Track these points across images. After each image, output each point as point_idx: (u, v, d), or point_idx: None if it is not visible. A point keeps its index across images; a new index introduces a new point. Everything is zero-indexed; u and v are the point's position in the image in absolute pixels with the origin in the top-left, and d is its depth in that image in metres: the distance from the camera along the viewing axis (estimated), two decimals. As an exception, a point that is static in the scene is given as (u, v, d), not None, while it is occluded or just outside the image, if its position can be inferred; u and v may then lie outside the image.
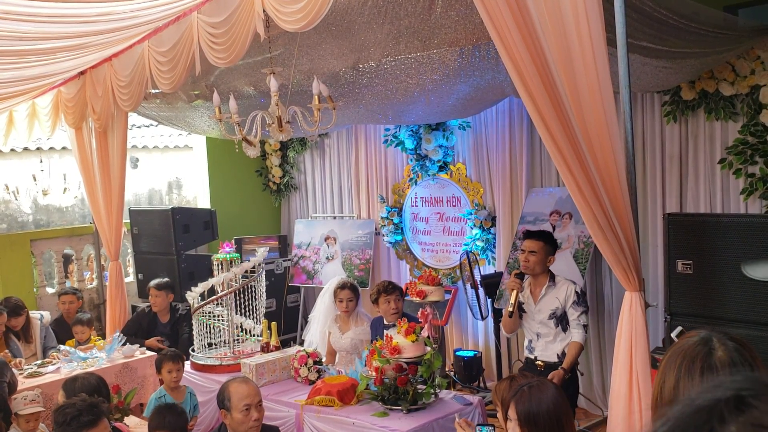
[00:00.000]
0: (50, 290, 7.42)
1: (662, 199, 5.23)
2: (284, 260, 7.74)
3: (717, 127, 4.89)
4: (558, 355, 4.15)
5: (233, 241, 5.54)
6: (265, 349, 5.02)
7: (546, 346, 4.19)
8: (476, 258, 6.24)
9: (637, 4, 3.42)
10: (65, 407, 3.02)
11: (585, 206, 3.00)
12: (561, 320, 4.13)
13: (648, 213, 5.29)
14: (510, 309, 4.14)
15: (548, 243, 4.21)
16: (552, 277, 4.20)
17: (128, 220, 7.46)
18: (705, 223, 3.81)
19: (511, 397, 2.45)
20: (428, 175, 6.87)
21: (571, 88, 2.88)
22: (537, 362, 4.21)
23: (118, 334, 5.66)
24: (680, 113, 5.03)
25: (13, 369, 4.61)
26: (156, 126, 9.95)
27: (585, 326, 4.10)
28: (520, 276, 4.18)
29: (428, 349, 4.06)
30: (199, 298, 5.13)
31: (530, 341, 4.28)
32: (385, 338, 4.11)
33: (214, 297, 5.10)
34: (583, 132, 2.92)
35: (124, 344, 5.53)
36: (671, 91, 5.00)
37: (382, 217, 7.26)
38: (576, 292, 4.11)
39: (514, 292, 4.15)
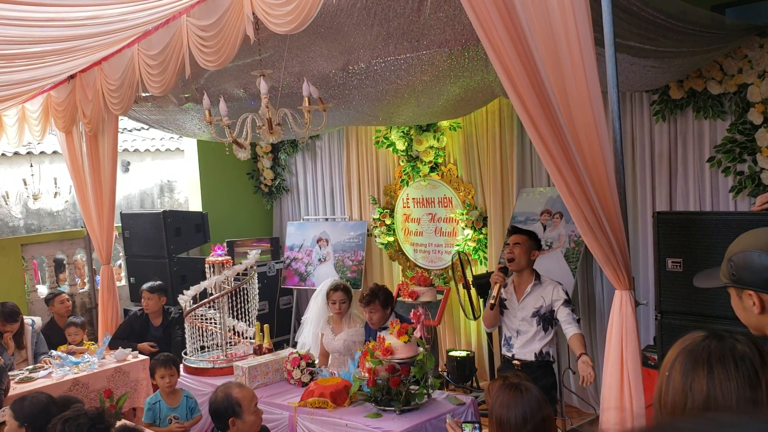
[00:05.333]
0: (42, 294, 7.40)
1: (652, 197, 5.26)
2: (276, 262, 7.74)
3: (705, 126, 4.92)
4: (536, 354, 4.19)
5: (225, 244, 5.53)
6: (258, 351, 5.01)
7: (524, 344, 4.23)
8: (468, 258, 6.25)
9: (625, 4, 3.43)
10: (75, 418, 2.94)
11: (574, 206, 3.01)
12: (544, 319, 4.18)
13: (638, 212, 5.32)
14: (492, 302, 4.20)
15: (532, 238, 4.31)
16: (538, 276, 4.26)
17: (120, 224, 7.44)
18: (694, 222, 3.83)
19: (492, 398, 2.49)
20: (419, 176, 6.89)
21: (559, 88, 2.89)
22: (514, 361, 4.25)
23: (108, 336, 5.65)
24: (669, 112, 5.06)
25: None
26: (147, 129, 9.94)
27: (579, 320, 4.18)
28: (504, 270, 4.25)
29: (421, 349, 4.06)
30: (192, 301, 5.12)
31: (509, 338, 4.33)
32: (377, 339, 4.12)
33: (206, 300, 5.09)
34: (572, 132, 2.94)
35: (115, 347, 5.51)
36: (660, 90, 5.03)
37: (374, 219, 7.27)
38: (564, 292, 4.19)
39: (497, 285, 4.21)
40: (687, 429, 0.63)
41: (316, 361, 4.84)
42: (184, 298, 5.12)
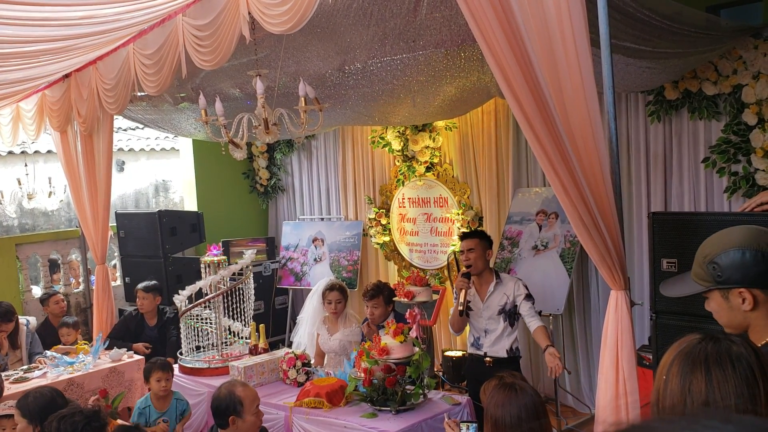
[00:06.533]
0: (36, 294, 7.38)
1: (647, 198, 5.27)
2: (272, 262, 7.73)
3: (700, 127, 4.94)
4: (507, 351, 4.34)
5: (220, 244, 5.52)
6: (254, 351, 5.01)
7: (494, 341, 4.37)
8: (464, 258, 6.25)
9: (620, 5, 3.44)
10: (71, 416, 2.97)
11: (570, 206, 3.01)
12: (509, 315, 4.34)
13: (633, 212, 5.33)
14: (461, 308, 4.32)
15: (483, 239, 4.46)
16: (498, 275, 4.43)
17: (114, 224, 7.42)
18: (689, 222, 3.83)
19: (487, 398, 2.49)
20: (415, 175, 6.89)
21: (555, 89, 2.90)
22: (486, 358, 4.38)
23: (100, 335, 5.64)
24: (664, 113, 5.07)
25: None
26: (142, 129, 9.91)
27: (539, 312, 4.40)
28: (467, 276, 4.36)
29: (416, 349, 4.07)
30: (187, 301, 5.11)
31: (477, 338, 4.47)
32: (373, 339, 4.12)
33: (201, 300, 5.08)
34: (568, 133, 2.94)
35: (110, 347, 5.50)
36: (655, 91, 5.05)
37: (369, 218, 7.27)
38: (525, 287, 4.36)
39: (463, 291, 4.33)
40: (661, 429, 0.64)
41: (312, 361, 4.84)
42: (180, 298, 5.11)
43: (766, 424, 0.62)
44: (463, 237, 4.54)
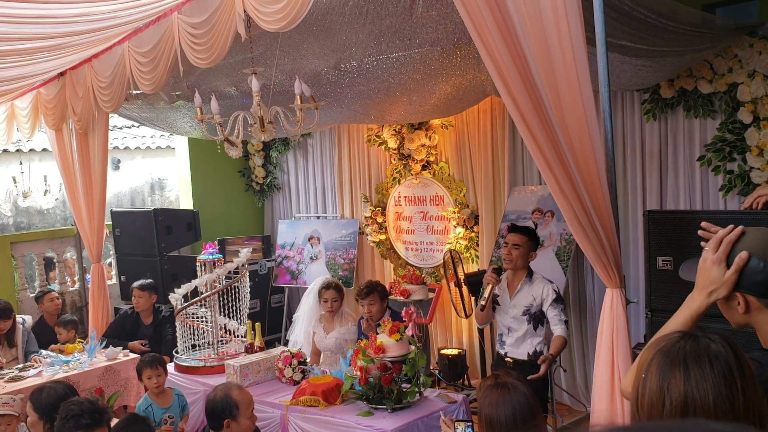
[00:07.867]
0: (32, 293, 7.36)
1: (642, 196, 5.28)
2: (268, 261, 7.72)
3: (696, 125, 4.95)
4: (529, 354, 4.20)
5: (216, 242, 5.52)
6: (250, 350, 5.00)
7: (516, 342, 4.26)
8: (460, 256, 6.26)
9: (616, 3, 3.44)
10: (71, 403, 3.09)
11: (566, 204, 3.02)
12: (534, 318, 4.19)
13: (629, 210, 5.34)
14: (483, 303, 4.21)
15: (531, 239, 4.28)
16: (530, 274, 4.26)
17: (110, 222, 7.41)
18: (684, 220, 3.84)
19: (481, 398, 2.49)
20: (411, 174, 6.89)
21: (551, 87, 2.90)
22: (506, 359, 4.28)
23: (94, 333, 5.62)
24: (660, 111, 5.08)
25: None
26: (137, 127, 9.89)
27: (566, 321, 4.17)
28: (498, 271, 4.25)
29: (412, 347, 4.07)
30: (183, 300, 5.10)
31: (500, 335, 4.36)
32: (369, 338, 4.12)
33: (197, 298, 5.07)
34: (564, 131, 2.94)
35: (106, 346, 5.49)
36: (651, 89, 5.05)
37: (365, 217, 7.27)
38: (554, 291, 4.18)
39: (489, 286, 4.22)
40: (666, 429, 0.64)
41: (308, 360, 4.84)
42: (175, 297, 5.10)
43: (720, 426, 0.63)
44: (514, 230, 4.32)
